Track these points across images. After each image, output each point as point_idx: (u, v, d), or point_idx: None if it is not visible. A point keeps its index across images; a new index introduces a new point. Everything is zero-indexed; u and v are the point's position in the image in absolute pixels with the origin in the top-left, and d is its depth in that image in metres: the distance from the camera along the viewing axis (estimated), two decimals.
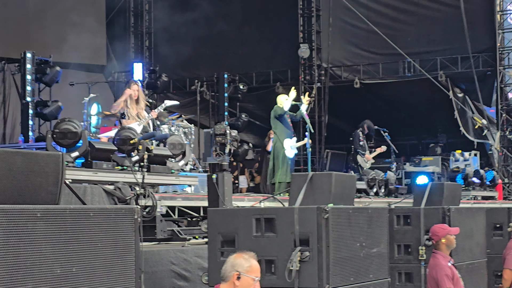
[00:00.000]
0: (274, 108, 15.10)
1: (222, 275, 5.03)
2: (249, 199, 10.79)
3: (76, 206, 4.54)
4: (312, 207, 6.11)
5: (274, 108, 15.10)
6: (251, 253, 5.17)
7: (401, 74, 22.51)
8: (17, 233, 4.10)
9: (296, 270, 5.99)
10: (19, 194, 4.43)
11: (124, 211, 4.84)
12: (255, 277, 5.04)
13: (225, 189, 7.95)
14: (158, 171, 9.84)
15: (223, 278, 5.02)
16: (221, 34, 23.87)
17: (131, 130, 9.59)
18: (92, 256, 4.55)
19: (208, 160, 16.12)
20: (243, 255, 5.06)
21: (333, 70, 23.24)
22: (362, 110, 21.67)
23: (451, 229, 8.11)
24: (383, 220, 7.04)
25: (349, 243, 6.37)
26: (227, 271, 5.01)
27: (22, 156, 4.49)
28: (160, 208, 8.98)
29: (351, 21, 22.71)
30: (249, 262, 5.03)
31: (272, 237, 6.17)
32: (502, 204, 17.08)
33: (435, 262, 7.98)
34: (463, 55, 21.53)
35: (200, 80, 22.47)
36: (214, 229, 6.41)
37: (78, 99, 16.90)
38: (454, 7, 21.34)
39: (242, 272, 4.99)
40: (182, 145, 10.83)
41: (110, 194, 8.19)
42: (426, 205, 8.65)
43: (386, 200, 14.51)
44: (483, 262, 9.45)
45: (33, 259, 4.17)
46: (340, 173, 6.99)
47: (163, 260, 7.95)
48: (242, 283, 4.98)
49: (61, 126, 9.00)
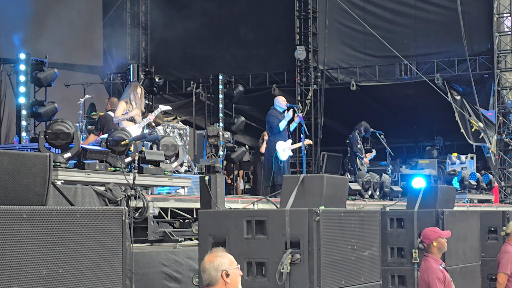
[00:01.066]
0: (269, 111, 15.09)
1: (208, 282, 5.00)
2: (243, 201, 10.76)
3: (63, 207, 4.51)
4: (303, 210, 6.09)
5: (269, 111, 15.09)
6: (218, 248, 5.17)
7: (398, 77, 22.49)
8: (3, 234, 4.06)
9: (287, 273, 5.97)
10: (6, 195, 4.40)
11: (111, 213, 4.81)
12: (237, 266, 5.05)
13: (218, 190, 7.92)
14: (151, 172, 9.81)
15: (211, 284, 4.99)
16: (217, 36, 23.87)
17: (124, 131, 9.56)
18: (79, 258, 4.52)
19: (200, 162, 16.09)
20: (216, 254, 5.04)
21: (330, 72, 23.22)
22: (359, 113, 21.65)
23: (443, 232, 8.09)
24: (375, 222, 7.02)
25: (340, 246, 6.34)
26: (213, 276, 4.98)
27: (9, 157, 4.46)
28: (153, 209, 8.95)
29: (348, 23, 22.69)
30: (226, 257, 5.04)
31: (263, 239, 6.15)
32: (498, 208, 17.06)
33: (426, 265, 7.97)
34: (460, 58, 21.52)
35: (196, 82, 22.45)
36: (205, 231, 6.39)
37: (74, 100, 16.88)
38: (451, 10, 21.33)
39: (227, 268, 4.99)
40: (175, 146, 10.79)
41: (101, 195, 8.15)
42: (420, 208, 8.62)
43: (381, 202, 14.47)
44: (477, 265, 9.43)
45: (18, 260, 4.13)
46: (332, 175, 6.96)
47: (154, 261, 7.93)
48: (232, 277, 4.99)
49: (54, 127, 8.95)
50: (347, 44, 23.06)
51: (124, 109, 11.93)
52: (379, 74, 22.67)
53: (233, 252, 5.54)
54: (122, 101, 12.06)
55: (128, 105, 11.96)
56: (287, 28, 23.30)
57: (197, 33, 23.81)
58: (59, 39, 19.86)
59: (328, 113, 22.92)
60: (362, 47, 22.82)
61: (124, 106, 11.95)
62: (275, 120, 14.89)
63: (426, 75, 21.58)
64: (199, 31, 23.80)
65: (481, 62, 21.72)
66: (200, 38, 23.93)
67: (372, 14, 22.50)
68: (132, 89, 12.14)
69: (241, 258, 5.99)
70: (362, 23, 22.02)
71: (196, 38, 23.92)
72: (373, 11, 22.56)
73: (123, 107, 11.96)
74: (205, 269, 5.02)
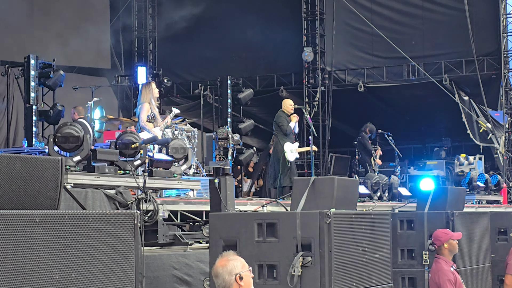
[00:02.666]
0: (278, 113, 15.11)
1: (222, 287, 4.98)
2: (252, 203, 10.75)
3: (75, 211, 4.52)
4: (314, 212, 6.07)
5: (278, 113, 15.11)
6: (229, 252, 5.16)
7: (405, 78, 22.45)
8: (15, 239, 4.07)
9: (298, 275, 5.96)
10: (18, 199, 4.40)
11: (123, 216, 4.81)
12: (249, 268, 5.05)
13: (228, 193, 7.91)
14: (160, 175, 9.82)
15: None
16: (224, 38, 23.86)
17: (134, 134, 9.57)
18: (92, 262, 4.52)
19: (210, 165, 16.08)
20: (228, 258, 5.03)
21: (337, 74, 23.19)
22: (366, 114, 21.62)
23: (454, 234, 8.08)
24: (386, 224, 7.00)
25: (351, 248, 6.33)
26: (227, 280, 4.97)
27: (21, 161, 4.46)
28: (162, 212, 8.95)
29: (355, 25, 22.67)
30: (238, 260, 5.03)
31: (274, 242, 6.14)
32: (506, 209, 17.02)
33: (437, 267, 7.95)
34: (467, 59, 21.47)
35: (204, 84, 22.45)
36: (216, 234, 6.38)
37: (82, 103, 16.89)
38: (458, 11, 21.29)
39: (241, 271, 4.98)
40: (184, 149, 10.79)
41: (111, 198, 8.16)
42: (430, 210, 8.61)
43: (390, 204, 14.45)
44: (487, 266, 9.41)
45: (31, 264, 4.14)
46: (342, 177, 6.96)
47: (165, 264, 7.92)
48: (245, 280, 4.98)
49: (63, 130, 8.97)
50: (355, 46, 23.03)
51: (148, 110, 11.82)
52: (387, 75, 22.64)
53: (244, 255, 5.54)
54: (145, 103, 11.89)
55: (151, 105, 11.85)
56: (294, 29, 23.28)
57: (204, 35, 23.81)
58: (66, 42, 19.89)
59: (336, 115, 22.90)
60: (370, 48, 22.79)
61: (147, 107, 11.81)
62: (284, 122, 14.91)
63: (434, 76, 21.54)
64: (207, 33, 23.80)
65: (489, 63, 21.68)
66: (207, 40, 23.92)
67: (379, 15, 22.47)
68: (149, 88, 11.98)
69: (252, 261, 5.98)
70: (369, 24, 21.99)
71: (203, 40, 23.92)
72: (380, 12, 22.54)
73: (147, 108, 11.85)
74: (218, 274, 4.99)
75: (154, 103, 11.91)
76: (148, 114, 11.75)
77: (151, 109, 11.78)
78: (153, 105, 11.85)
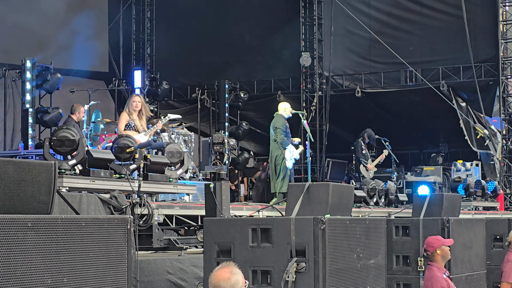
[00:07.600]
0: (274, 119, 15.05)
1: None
2: (248, 208, 10.74)
3: (68, 216, 4.50)
4: (308, 218, 6.06)
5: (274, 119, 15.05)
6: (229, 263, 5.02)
7: (403, 83, 22.44)
8: (7, 243, 4.06)
9: (292, 281, 5.95)
10: (11, 204, 4.39)
11: (117, 221, 4.80)
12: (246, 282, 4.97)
13: (223, 198, 7.91)
14: (156, 179, 9.80)
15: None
16: (222, 42, 23.85)
17: (129, 138, 9.56)
18: (84, 266, 4.51)
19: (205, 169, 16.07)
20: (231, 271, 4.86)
21: (335, 79, 23.19)
22: (364, 119, 21.62)
23: (446, 240, 8.07)
24: (380, 231, 6.99)
25: (346, 254, 6.32)
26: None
27: (14, 165, 4.45)
28: (157, 216, 8.94)
29: (353, 30, 22.66)
30: (240, 274, 4.93)
31: (268, 247, 6.13)
32: (503, 215, 17.01)
33: (430, 274, 7.94)
34: (465, 65, 21.47)
35: (201, 88, 22.45)
36: (210, 238, 6.37)
37: None
38: (456, 17, 21.31)
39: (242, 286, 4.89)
40: (180, 153, 10.78)
41: (106, 202, 8.15)
42: (425, 216, 8.60)
43: (386, 210, 14.45)
44: (482, 273, 9.39)
45: (23, 269, 4.13)
46: (337, 183, 6.95)
47: (159, 269, 7.91)
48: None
49: (59, 134, 8.96)
50: (352, 51, 23.03)
51: (126, 120, 12.07)
52: (384, 81, 22.63)
53: (238, 260, 5.53)
54: (123, 113, 12.27)
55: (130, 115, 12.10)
56: (292, 34, 23.27)
57: (202, 39, 23.80)
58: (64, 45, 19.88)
59: (333, 120, 22.89)
60: (367, 54, 22.79)
61: (125, 117, 12.10)
62: (281, 126, 14.86)
63: (431, 82, 21.54)
64: (204, 37, 23.80)
65: (486, 69, 21.68)
66: (205, 44, 23.92)
67: (377, 21, 22.47)
68: (130, 99, 12.33)
69: (246, 266, 5.97)
70: (367, 30, 21.99)
71: (201, 44, 23.92)
72: (378, 18, 22.54)
73: (125, 118, 12.10)
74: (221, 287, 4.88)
75: (135, 114, 12.09)
76: (126, 124, 11.97)
77: (130, 118, 12.00)
78: (132, 115, 12.04)
